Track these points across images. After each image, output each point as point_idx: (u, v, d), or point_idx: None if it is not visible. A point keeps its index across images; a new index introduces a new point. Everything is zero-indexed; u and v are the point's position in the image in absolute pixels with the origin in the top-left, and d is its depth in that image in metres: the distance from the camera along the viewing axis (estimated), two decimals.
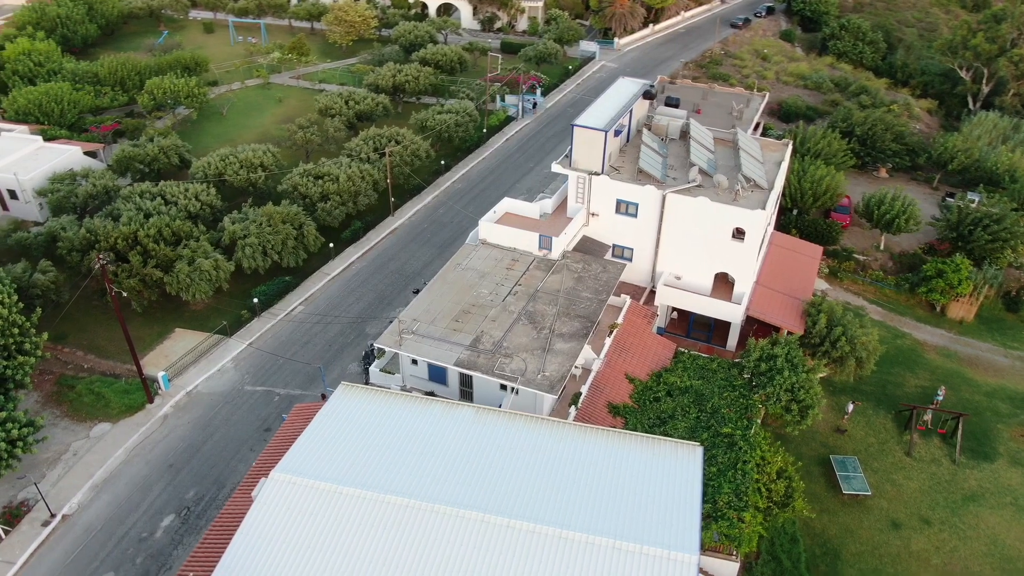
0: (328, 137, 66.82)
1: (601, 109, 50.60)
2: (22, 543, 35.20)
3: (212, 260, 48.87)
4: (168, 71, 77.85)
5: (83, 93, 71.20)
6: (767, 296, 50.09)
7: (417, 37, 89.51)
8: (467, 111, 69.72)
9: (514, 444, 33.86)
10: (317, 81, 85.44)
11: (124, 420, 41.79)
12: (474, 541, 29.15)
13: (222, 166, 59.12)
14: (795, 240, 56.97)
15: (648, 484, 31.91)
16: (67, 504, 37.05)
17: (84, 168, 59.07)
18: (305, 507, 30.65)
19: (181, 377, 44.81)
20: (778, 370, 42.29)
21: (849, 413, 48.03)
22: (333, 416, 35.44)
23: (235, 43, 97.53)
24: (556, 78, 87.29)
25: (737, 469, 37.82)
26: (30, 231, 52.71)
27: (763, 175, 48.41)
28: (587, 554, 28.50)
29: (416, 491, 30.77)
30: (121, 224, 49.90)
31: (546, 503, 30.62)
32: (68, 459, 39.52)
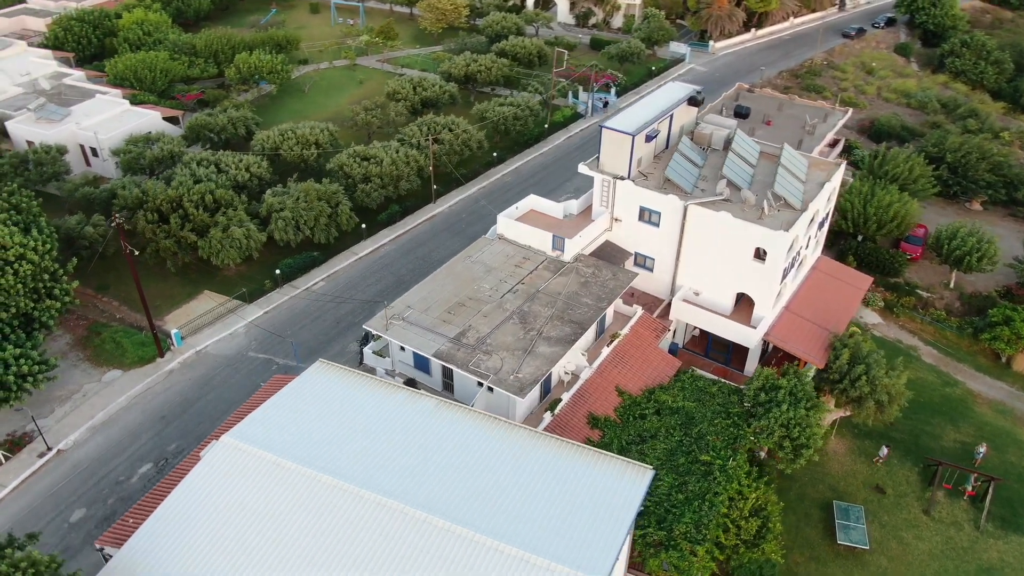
0: (389, 121, 68.23)
1: (636, 112, 48.94)
2: (17, 470, 38.37)
3: (244, 229, 51.15)
4: (260, 47, 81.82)
5: (177, 63, 76.15)
6: (793, 323, 47.07)
7: (504, 28, 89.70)
8: (528, 105, 69.27)
9: (464, 442, 33.51)
10: (400, 66, 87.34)
11: (134, 370, 44.62)
12: (388, 530, 29.11)
13: (279, 140, 61.63)
14: (842, 268, 53.10)
15: (584, 501, 30.77)
16: (64, 440, 40.05)
17: (158, 132, 63.16)
18: (245, 473, 31.58)
19: (195, 336, 47.28)
20: (777, 403, 39.73)
21: (883, 458, 44.48)
22: (299, 391, 36.29)
23: (335, 24, 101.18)
24: (637, 78, 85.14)
25: (705, 500, 35.86)
26: (98, 187, 56.98)
27: (799, 195, 45.37)
28: (492, 561, 27.85)
29: (350, 474, 31.01)
30: (170, 187, 53.02)
31: (472, 504, 30.14)
32: (77, 399, 42.64)
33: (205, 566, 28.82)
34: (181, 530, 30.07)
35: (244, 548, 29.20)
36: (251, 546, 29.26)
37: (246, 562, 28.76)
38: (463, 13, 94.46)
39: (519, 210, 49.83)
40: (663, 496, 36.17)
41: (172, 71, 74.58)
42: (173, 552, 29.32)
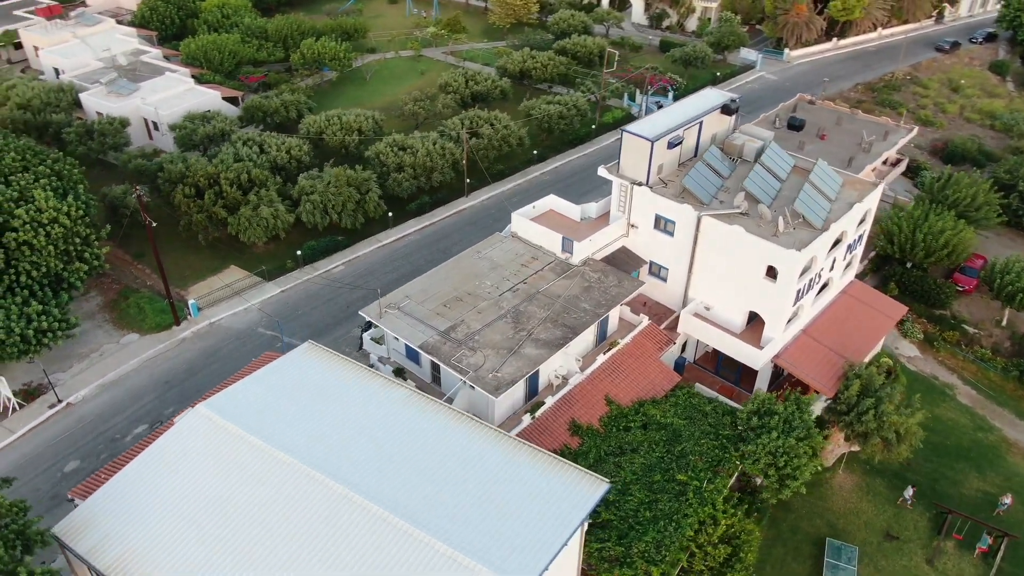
0: (436, 112, 68.93)
1: (661, 117, 47.67)
2: (27, 418, 41.03)
3: (272, 209, 52.82)
4: (328, 34, 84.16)
5: (248, 46, 79.28)
6: (808, 348, 44.89)
7: (570, 26, 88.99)
8: (575, 104, 68.48)
9: (424, 435, 33.52)
10: (463, 59, 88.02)
11: (150, 335, 46.88)
12: (327, 511, 29.40)
13: (324, 125, 63.28)
14: (876, 294, 50.14)
15: (529, 506, 30.26)
16: (75, 395, 42.52)
17: (215, 111, 65.93)
18: (210, 443, 32.63)
19: (212, 308, 49.23)
20: (768, 429, 38.02)
21: (909, 500, 41.90)
22: (279, 370, 37.21)
23: (410, 15, 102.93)
24: (700, 83, 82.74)
25: (672, 520, 34.72)
26: (151, 160, 60.02)
27: (822, 214, 43.12)
28: (419, 554, 27.77)
29: (304, 454, 31.42)
30: (210, 164, 55.29)
31: (415, 497, 30.08)
32: (94, 357, 45.18)
33: (156, 524, 29.98)
34: (142, 489, 31.39)
35: (193, 511, 30.20)
36: (200, 509, 30.22)
37: (192, 524, 29.76)
38: (532, 9, 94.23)
39: (536, 209, 49.41)
40: (630, 512, 35.26)
41: (240, 53, 77.73)
42: (131, 508, 30.63)
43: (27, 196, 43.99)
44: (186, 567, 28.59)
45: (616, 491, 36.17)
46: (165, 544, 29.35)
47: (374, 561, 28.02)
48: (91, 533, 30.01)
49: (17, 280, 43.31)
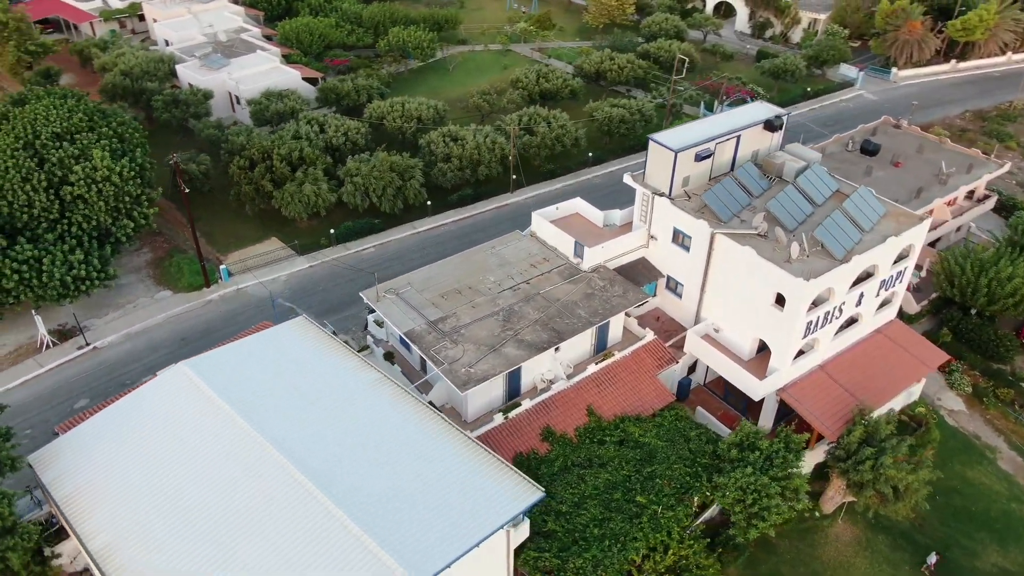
0: (501, 107, 69.30)
1: (692, 128, 45.94)
2: (57, 356, 44.85)
3: (315, 187, 54.93)
4: (419, 24, 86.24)
5: (339, 30, 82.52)
6: (821, 385, 42.14)
7: (662, 30, 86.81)
8: (640, 109, 66.88)
9: (380, 419, 34.11)
10: (548, 56, 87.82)
11: (181, 294, 50.03)
12: (263, 475, 30.47)
13: (387, 111, 65.04)
14: (916, 338, 46.19)
15: (458, 503, 30.24)
16: (102, 340, 46.06)
17: (291, 90, 69.13)
18: (181, 398, 34.55)
19: (243, 275, 51.87)
20: (745, 463, 36.04)
21: (931, 568, 38.73)
22: (265, 340, 38.87)
23: (510, 9, 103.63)
24: (788, 98, 78.73)
25: (619, 541, 33.64)
26: (223, 131, 63.73)
27: (847, 244, 40.20)
28: (334, 533, 28.29)
29: (263, 424, 32.61)
30: (268, 139, 58.15)
31: (352, 478, 30.68)
32: (128, 308, 48.74)
33: (112, 465, 32.14)
34: (111, 432, 33.70)
35: (148, 458, 32.15)
36: (154, 458, 32.15)
37: (143, 470, 31.70)
38: (627, 11, 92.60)
39: (559, 211, 48.83)
40: (579, 526, 34.43)
41: (330, 37, 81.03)
42: (96, 448, 32.99)
43: (87, 154, 47.93)
44: (123, 508, 30.50)
45: (571, 504, 35.43)
46: (114, 485, 31.42)
47: (290, 530, 28.83)
48: (57, 465, 32.59)
49: (69, 230, 47.34)
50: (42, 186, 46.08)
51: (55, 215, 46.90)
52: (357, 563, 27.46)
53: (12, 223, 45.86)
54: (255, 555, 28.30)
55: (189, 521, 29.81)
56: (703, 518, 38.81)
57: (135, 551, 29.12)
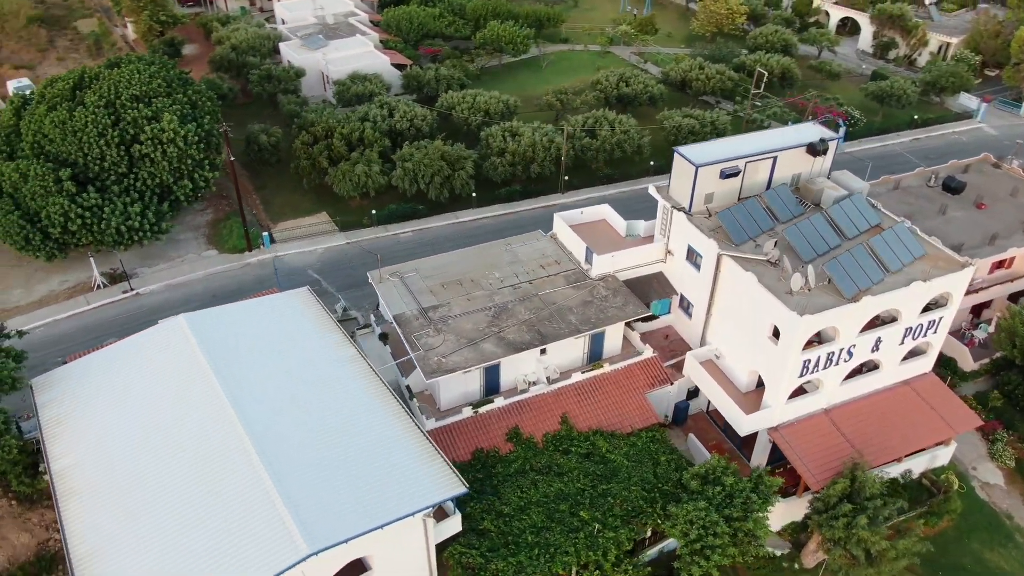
0: (573, 107, 68.87)
1: (722, 143, 43.94)
2: (103, 296, 49.33)
3: (366, 168, 57.04)
4: (519, 19, 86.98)
5: (439, 20, 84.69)
6: (819, 430, 39.39)
7: (769, 43, 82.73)
8: (712, 121, 64.31)
9: (339, 394, 35.25)
10: (645, 60, 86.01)
11: (225, 254, 53.55)
12: (215, 434, 32.11)
13: (456, 101, 66.31)
14: (949, 396, 41.94)
15: (380, 483, 30.90)
16: (146, 287, 50.18)
17: (375, 74, 71.86)
18: (170, 347, 37.15)
19: (285, 244, 54.75)
20: (704, 496, 34.32)
21: None
22: (264, 305, 41.04)
23: (623, 11, 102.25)
24: (892, 123, 72.99)
25: (548, 552, 33.03)
26: (302, 107, 67.32)
27: (860, 283, 37.15)
28: (254, 494, 29.50)
29: (232, 382, 34.31)
30: (333, 118, 60.92)
31: (291, 445, 31.85)
32: (176, 262, 52.77)
33: (94, 399, 35.14)
34: (103, 368, 36.83)
35: (125, 398, 34.92)
36: (130, 398, 34.85)
37: (117, 408, 34.45)
38: (737, 20, 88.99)
39: (584, 216, 48.10)
40: (516, 530, 34.12)
41: (428, 26, 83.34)
42: (86, 381, 36.16)
43: (158, 117, 52.24)
44: (91, 438, 33.30)
45: (515, 507, 35.13)
46: (90, 416, 34.35)
47: (217, 477, 30.41)
48: (51, 391, 36.02)
49: (134, 184, 51.85)
50: (114, 142, 50.70)
51: (123, 170, 51.48)
52: (264, 523, 28.64)
53: (85, 173, 50.80)
54: (179, 494, 30.16)
55: (140, 459, 32.14)
56: (660, 547, 37.38)
57: (88, 477, 31.79)
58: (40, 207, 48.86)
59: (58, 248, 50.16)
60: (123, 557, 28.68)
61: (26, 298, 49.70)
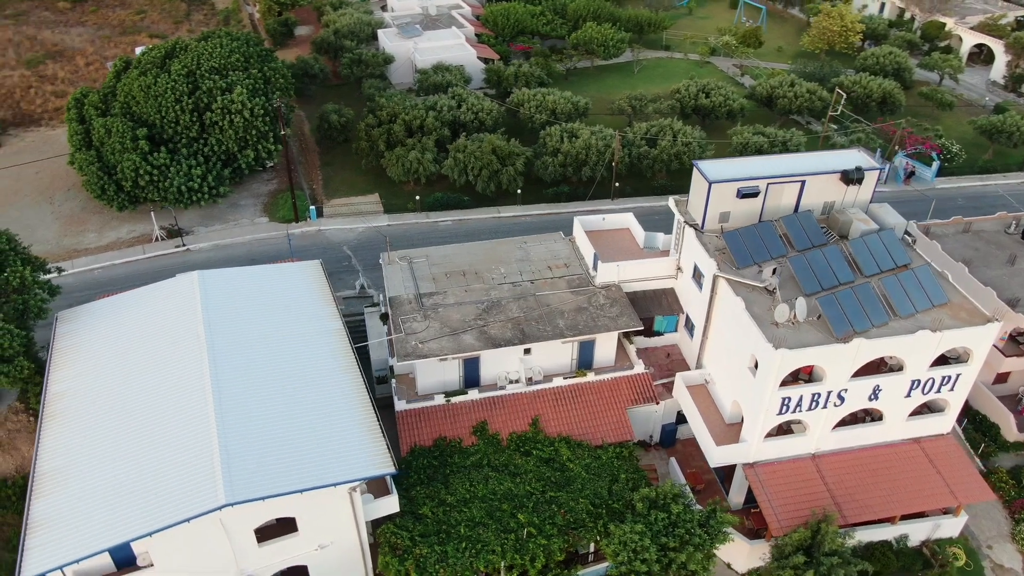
0: (645, 114, 67.46)
1: (748, 162, 41.96)
2: (158, 248, 53.74)
3: (419, 155, 58.70)
4: (618, 23, 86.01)
5: (536, 18, 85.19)
6: (801, 475, 37.13)
7: (880, 65, 77.18)
8: (784, 140, 61.00)
9: (312, 362, 36.81)
10: (742, 74, 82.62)
11: (274, 223, 56.81)
12: (186, 379, 34.38)
13: (527, 99, 66.71)
14: (961, 461, 38.10)
15: (317, 451, 32.13)
16: (196, 244, 54.23)
17: (458, 66, 73.50)
18: (177, 298, 40.04)
19: (330, 219, 57.33)
20: (645, 520, 33.23)
21: None
22: (273, 272, 43.32)
23: (737, 22, 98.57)
24: (1001, 162, 66.17)
25: (475, 548, 33.12)
26: (382, 92, 69.95)
27: (858, 323, 34.47)
28: (199, 446, 31.20)
29: (219, 338, 36.66)
30: (399, 104, 63.04)
31: (250, 401, 33.51)
32: (230, 225, 56.58)
33: (100, 336, 38.48)
34: (122, 308, 40.19)
35: (126, 337, 37.98)
36: (130, 339, 37.85)
37: (113, 346, 37.57)
38: (851, 38, 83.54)
39: (605, 222, 47.36)
40: (452, 520, 34.43)
41: (524, 23, 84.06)
42: (101, 319, 39.64)
43: (231, 88, 56.18)
44: (87, 370, 36.61)
45: (459, 498, 35.42)
46: (93, 351, 37.70)
47: (171, 423, 32.51)
48: (70, 324, 39.77)
49: (201, 149, 56.09)
50: (188, 108, 55.06)
51: (194, 134, 55.81)
52: (197, 468, 30.43)
53: (160, 134, 55.51)
54: (138, 429, 32.62)
55: (119, 393, 34.86)
56: (607, 566, 36.44)
57: (72, 403, 35.04)
58: (117, 161, 53.93)
59: (129, 200, 55.19)
60: (76, 478, 31.45)
61: (96, 242, 55.04)
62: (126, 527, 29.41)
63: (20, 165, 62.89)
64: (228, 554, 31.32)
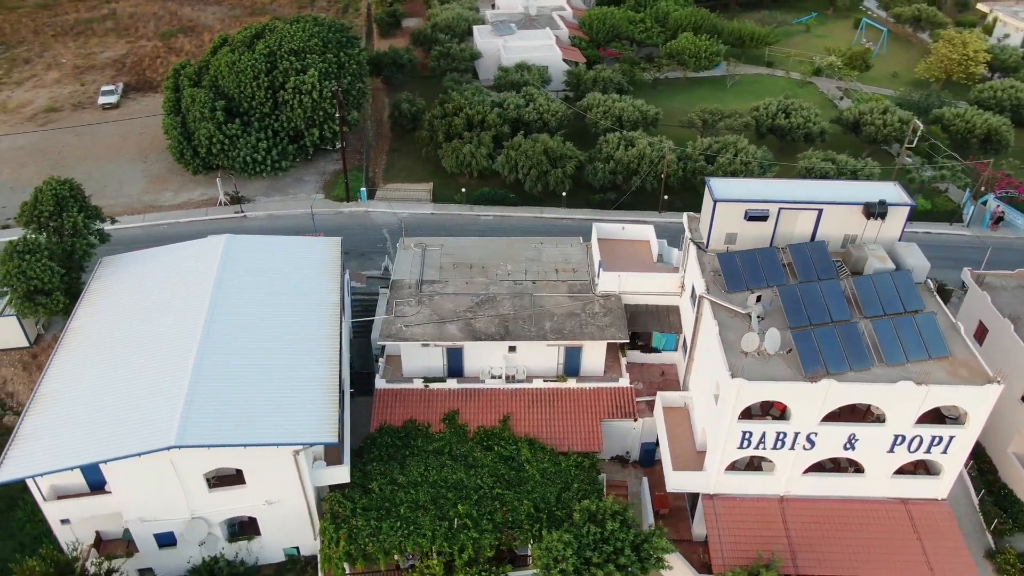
0: (715, 130, 65.41)
1: (761, 184, 40.15)
2: (220, 212, 58.11)
3: (472, 149, 60.02)
4: (720, 35, 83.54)
5: (633, 25, 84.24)
6: (761, 516, 35.57)
7: (994, 97, 70.52)
8: (855, 170, 57.27)
9: (301, 330, 38.90)
10: (841, 97, 77.92)
11: (327, 200, 60.01)
12: (182, 327, 37.39)
13: (593, 104, 66.44)
14: (950, 533, 34.84)
15: (271, 410, 34.07)
16: (253, 212, 58.20)
17: (539, 66, 74.16)
18: (204, 256, 43.24)
19: (380, 202, 59.78)
20: (574, 532, 32.83)
21: None
22: (293, 244, 45.95)
23: (856, 43, 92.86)
24: None
25: (407, 530, 33.96)
26: (458, 84, 71.80)
27: (834, 364, 32.38)
28: (176, 380, 34.20)
29: (222, 295, 39.45)
30: (466, 99, 64.60)
31: (232, 358, 35.93)
32: (289, 197, 60.21)
33: (130, 278, 42.45)
34: (154, 259, 44.09)
35: (152, 283, 41.72)
36: (154, 284, 41.55)
37: (135, 289, 41.45)
38: (973, 69, 76.72)
39: (624, 232, 46.73)
40: (396, 500, 35.48)
41: (619, 28, 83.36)
42: (138, 265, 43.61)
43: (305, 70, 59.76)
44: (108, 309, 40.46)
45: (410, 480, 36.37)
46: (114, 294, 41.54)
47: (157, 364, 35.52)
48: (109, 268, 43.89)
49: (272, 125, 60.06)
50: (264, 85, 59.12)
51: (267, 110, 59.86)
52: (164, 407, 33.00)
53: (237, 107, 59.92)
54: (128, 365, 35.93)
55: (124, 332, 38.43)
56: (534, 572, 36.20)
57: (84, 337, 38.91)
58: (196, 128, 58.80)
59: (203, 165, 60.01)
60: (66, 402, 34.99)
61: (172, 200, 60.29)
62: (91, 452, 32.56)
63: (122, 120, 69.84)
64: (179, 493, 33.91)
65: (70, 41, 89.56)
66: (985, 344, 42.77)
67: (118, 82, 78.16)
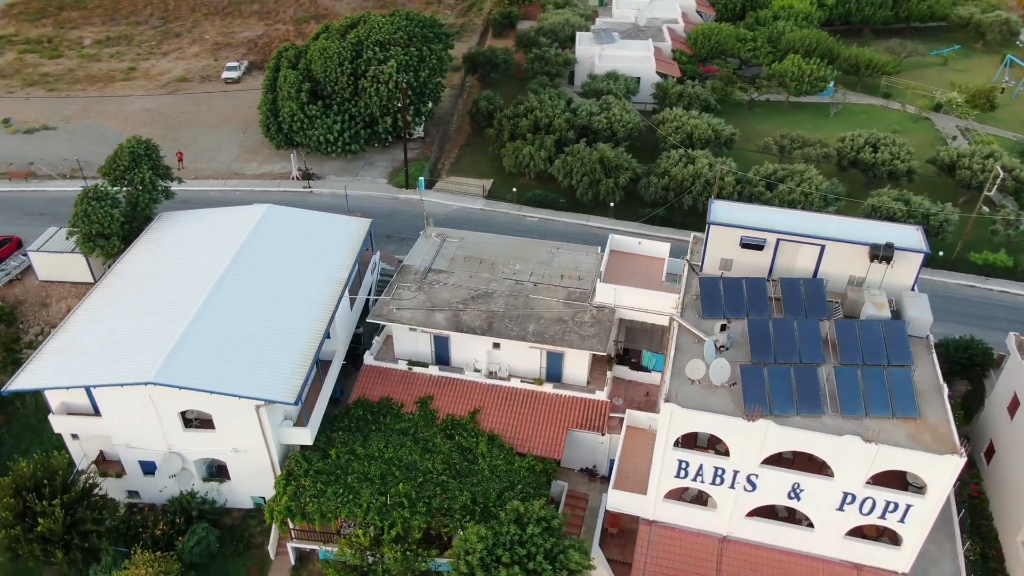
0: (790, 157, 62.39)
1: (763, 211, 38.40)
2: (290, 185, 62.57)
3: (532, 151, 60.96)
4: (837, 62, 79.28)
5: (740, 43, 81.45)
6: (695, 552, 34.91)
7: None
8: (927, 214, 52.71)
9: (304, 296, 41.73)
10: (954, 136, 71.35)
11: (388, 186, 63.00)
12: (196, 280, 41.24)
13: (671, 118, 65.31)
14: None
15: (249, 366, 36.89)
16: (319, 188, 62.22)
17: (630, 77, 73.70)
18: (242, 221, 47.06)
19: (437, 193, 62.01)
20: (495, 530, 33.29)
21: None
22: (327, 220, 48.95)
23: (997, 80, 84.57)
24: None
25: (348, 499, 35.74)
26: (539, 85, 72.75)
27: (780, 406, 30.79)
28: (173, 322, 38.12)
29: (244, 255, 43.27)
30: (539, 102, 65.53)
31: (229, 311, 39.36)
32: (357, 179, 63.84)
33: (175, 235, 47.02)
34: (201, 219, 48.65)
35: (189, 239, 46.18)
36: (191, 241, 45.90)
37: (180, 243, 45.94)
38: None
39: (640, 247, 46.04)
40: (349, 469, 37.43)
41: (724, 45, 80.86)
42: (190, 220, 48.23)
43: (386, 61, 63.08)
44: (142, 257, 45.08)
45: (367, 453, 38.16)
46: (156, 244, 46.25)
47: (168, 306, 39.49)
48: (164, 222, 48.85)
49: (350, 109, 63.91)
50: (347, 72, 63.03)
51: (348, 95, 63.76)
52: (159, 346, 36.67)
53: (323, 90, 64.26)
54: (144, 304, 40.25)
55: (152, 275, 42.94)
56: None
57: (119, 279, 43.64)
58: (282, 106, 63.68)
59: (285, 141, 64.84)
60: (87, 332, 39.64)
61: (255, 170, 65.64)
62: (85, 376, 36.85)
63: (235, 92, 76.39)
64: (157, 427, 37.55)
65: (218, 20, 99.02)
66: (1016, 418, 38.67)
67: (243, 60, 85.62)
